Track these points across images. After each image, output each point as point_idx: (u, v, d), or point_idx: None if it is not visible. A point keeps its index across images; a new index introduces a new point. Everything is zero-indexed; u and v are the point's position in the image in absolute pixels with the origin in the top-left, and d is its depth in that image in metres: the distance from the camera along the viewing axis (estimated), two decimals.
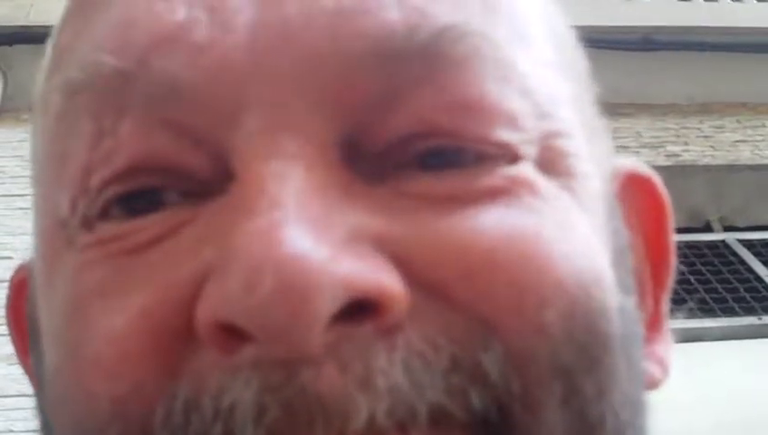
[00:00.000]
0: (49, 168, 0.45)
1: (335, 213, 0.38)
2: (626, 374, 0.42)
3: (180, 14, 0.41)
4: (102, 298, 0.40)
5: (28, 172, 0.52)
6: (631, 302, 0.45)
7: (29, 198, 0.50)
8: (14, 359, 0.54)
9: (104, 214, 0.41)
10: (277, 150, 0.39)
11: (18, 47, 4.25)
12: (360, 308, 0.36)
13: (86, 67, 0.42)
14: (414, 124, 0.40)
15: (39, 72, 0.49)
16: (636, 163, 0.53)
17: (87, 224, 0.42)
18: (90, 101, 0.42)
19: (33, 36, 4.19)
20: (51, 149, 0.45)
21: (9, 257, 3.09)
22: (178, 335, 0.38)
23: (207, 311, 0.37)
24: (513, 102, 0.42)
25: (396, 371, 0.37)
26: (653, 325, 0.51)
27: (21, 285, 0.53)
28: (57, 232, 0.43)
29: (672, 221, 0.53)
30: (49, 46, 0.48)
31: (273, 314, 0.35)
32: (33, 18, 4.32)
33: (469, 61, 0.41)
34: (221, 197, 0.40)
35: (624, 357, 0.42)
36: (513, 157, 0.41)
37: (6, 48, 4.20)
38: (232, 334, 0.36)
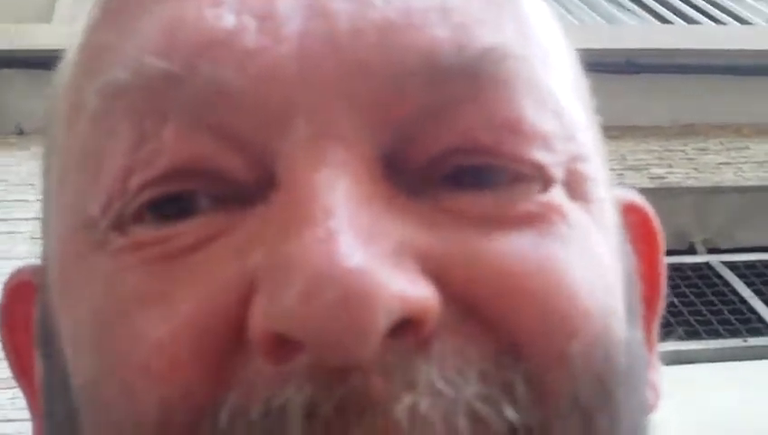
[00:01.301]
0: (79, 169, 0.44)
1: (382, 224, 0.38)
2: (633, 405, 0.43)
3: (229, 20, 0.41)
4: (144, 305, 0.40)
5: (13, 196, 0.52)
6: (638, 327, 0.46)
7: (14, 222, 0.50)
8: (0, 384, 0.54)
9: (138, 218, 0.41)
10: (325, 159, 0.39)
11: (2, 71, 4.24)
12: (400, 322, 0.37)
13: (131, 68, 0.42)
14: (456, 139, 0.41)
15: (62, 74, 0.48)
16: (631, 193, 0.53)
17: (120, 226, 0.41)
18: (133, 102, 0.42)
19: (18, 60, 4.19)
20: (84, 149, 0.44)
21: None
22: (227, 342, 0.38)
23: (263, 320, 0.37)
24: (548, 124, 0.43)
25: (434, 375, 0.37)
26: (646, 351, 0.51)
27: (19, 290, 0.53)
28: (83, 234, 0.43)
29: (663, 250, 0.54)
30: (80, 45, 0.47)
31: (331, 327, 0.36)
32: (19, 42, 4.31)
33: (509, 82, 0.42)
34: (263, 203, 0.40)
35: (631, 388, 0.43)
36: (545, 178, 0.42)
37: None
38: (285, 344, 0.37)
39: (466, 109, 0.41)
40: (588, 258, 0.42)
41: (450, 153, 0.41)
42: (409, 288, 0.37)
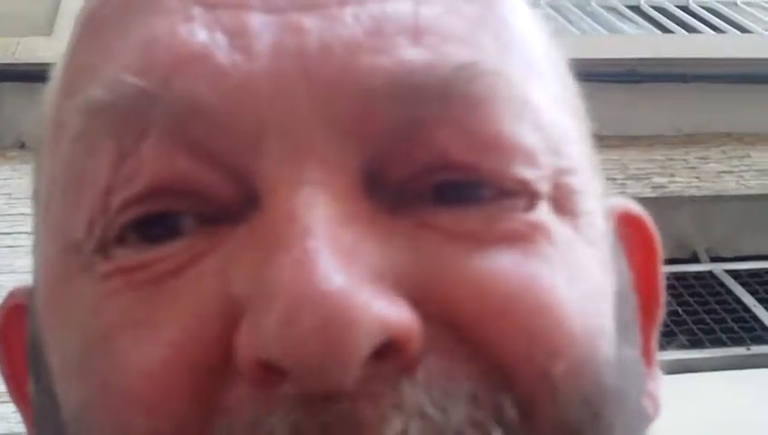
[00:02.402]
0: (63, 189, 0.44)
1: (362, 244, 0.38)
2: (625, 422, 0.42)
3: (201, 36, 0.41)
4: (130, 329, 0.40)
5: (15, 210, 0.52)
6: (632, 344, 0.46)
7: (16, 235, 0.50)
8: (3, 398, 0.54)
9: (121, 239, 0.41)
10: (302, 177, 0.39)
11: (4, 85, 4.25)
12: (384, 346, 0.37)
13: (108, 87, 0.42)
14: (432, 157, 0.41)
15: (47, 95, 0.48)
16: (627, 202, 0.53)
17: (103, 249, 0.41)
18: (111, 120, 0.41)
19: (19, 74, 4.19)
20: (66, 170, 0.44)
21: None
22: (214, 369, 0.38)
23: (247, 348, 0.37)
24: (529, 139, 0.42)
25: (422, 398, 0.37)
26: (644, 361, 0.51)
27: (12, 312, 0.52)
28: (68, 257, 0.43)
29: (661, 259, 0.53)
30: (60, 68, 0.47)
31: (310, 351, 0.35)
32: (20, 56, 4.32)
33: (485, 99, 0.41)
34: (244, 223, 0.39)
35: (623, 406, 0.42)
36: (530, 193, 0.42)
37: None
38: (271, 370, 0.36)
39: (441, 128, 0.41)
40: (573, 278, 0.41)
41: (429, 169, 0.41)
42: (390, 311, 0.37)
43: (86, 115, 0.43)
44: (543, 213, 0.42)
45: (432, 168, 0.41)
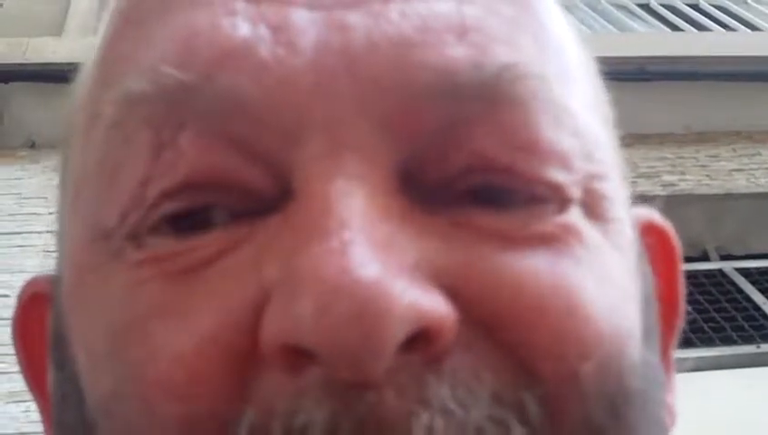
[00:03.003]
0: (96, 178, 0.44)
1: (398, 237, 0.38)
2: (647, 427, 0.43)
3: (244, 30, 0.41)
4: (163, 318, 0.40)
5: (25, 210, 0.52)
6: (655, 350, 0.46)
7: (26, 235, 0.50)
8: (13, 397, 0.54)
9: (153, 229, 0.41)
10: (341, 170, 0.39)
11: (14, 85, 4.25)
12: (414, 336, 0.37)
13: (148, 78, 0.42)
14: (471, 157, 0.41)
15: (79, 85, 0.48)
16: (650, 212, 0.53)
17: (135, 237, 0.41)
18: (150, 112, 0.42)
19: (29, 74, 4.19)
20: (100, 158, 0.44)
21: (6, 296, 3.08)
22: (244, 357, 0.38)
23: (274, 333, 0.37)
24: (565, 143, 0.42)
25: (444, 394, 0.37)
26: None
27: (32, 301, 0.52)
28: (98, 245, 0.43)
29: (682, 272, 0.54)
30: (97, 56, 0.47)
31: (345, 339, 0.35)
32: (30, 56, 4.32)
33: (526, 101, 0.42)
34: (279, 214, 0.40)
35: (646, 410, 0.42)
36: (562, 198, 0.42)
37: (2, 86, 4.20)
38: (299, 355, 0.37)
39: (482, 128, 0.41)
40: (603, 280, 0.42)
41: (466, 172, 0.41)
42: (424, 300, 0.37)
43: (124, 105, 0.43)
44: (575, 216, 0.42)
45: (469, 168, 0.41)
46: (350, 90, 0.40)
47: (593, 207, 0.43)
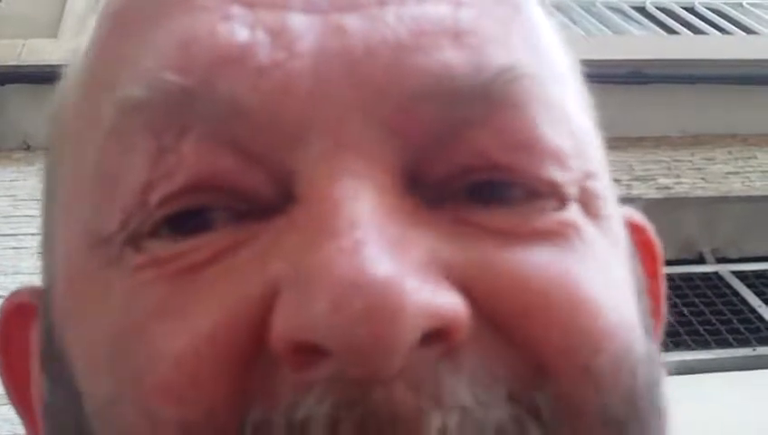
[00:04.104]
0: (93, 184, 0.44)
1: (409, 235, 0.38)
2: (657, 417, 0.43)
3: (242, 35, 0.41)
4: (163, 320, 0.40)
5: (20, 212, 0.51)
6: (652, 341, 0.46)
7: (21, 237, 0.50)
8: (6, 399, 0.54)
9: (153, 232, 0.41)
10: (346, 171, 0.39)
11: (10, 86, 4.25)
12: (429, 332, 0.37)
13: (148, 84, 0.42)
14: (471, 158, 0.41)
15: (68, 90, 0.48)
16: (629, 210, 0.54)
17: (134, 242, 0.41)
18: (151, 117, 0.41)
19: (25, 76, 4.19)
20: (98, 165, 0.44)
21: (0, 296, 3.08)
22: (249, 355, 0.38)
23: (286, 330, 0.37)
24: (562, 142, 0.43)
25: (462, 390, 0.37)
26: None
27: (18, 312, 0.52)
28: (96, 252, 0.43)
29: (663, 267, 0.54)
30: (91, 58, 0.47)
31: (359, 336, 0.35)
32: (26, 58, 4.32)
33: (524, 102, 0.42)
34: (281, 217, 0.40)
35: (654, 401, 0.43)
36: (561, 196, 0.42)
37: None
38: (309, 353, 0.36)
39: (481, 129, 0.41)
40: (604, 274, 0.42)
41: (467, 171, 0.41)
42: (439, 297, 0.37)
43: (123, 111, 0.43)
44: (574, 213, 0.42)
45: (469, 168, 0.41)
46: (350, 93, 0.40)
47: (589, 204, 0.44)
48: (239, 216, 0.41)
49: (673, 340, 3.64)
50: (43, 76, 3.92)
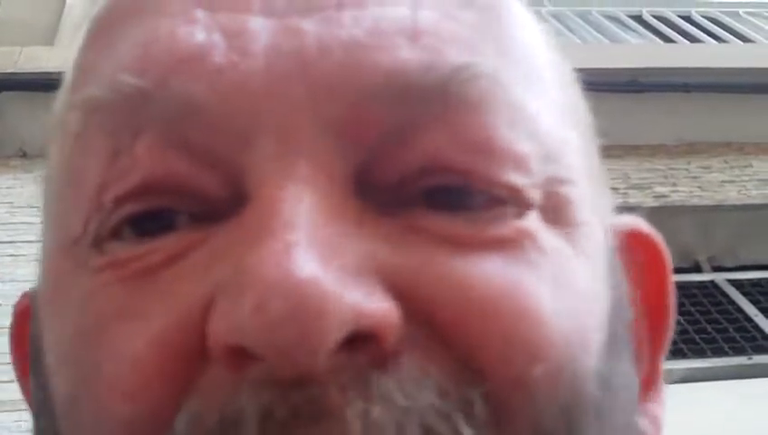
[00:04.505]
0: (63, 187, 0.45)
1: (345, 239, 0.38)
2: None
3: (200, 37, 0.42)
4: (119, 321, 0.40)
5: (17, 219, 0.52)
6: (624, 358, 0.46)
7: (18, 244, 0.50)
8: (5, 407, 0.54)
9: (115, 234, 0.42)
10: (291, 174, 0.39)
11: (6, 94, 4.25)
12: (357, 336, 0.37)
13: (106, 85, 0.43)
14: (425, 160, 0.41)
15: (57, 100, 0.49)
16: (636, 220, 0.53)
17: (98, 243, 0.42)
18: (107, 118, 0.42)
19: (22, 83, 4.19)
20: (67, 167, 0.45)
21: None
22: (192, 355, 0.39)
23: (218, 333, 0.38)
24: (523, 145, 0.42)
25: (391, 388, 0.37)
26: (648, 384, 0.51)
27: (24, 312, 0.53)
28: (66, 253, 0.43)
29: (672, 281, 0.53)
30: (70, 67, 0.48)
31: (282, 335, 0.36)
32: (22, 65, 4.32)
33: (480, 102, 0.42)
34: (234, 218, 0.40)
35: (606, 420, 0.42)
36: (521, 201, 0.42)
37: None
38: (243, 354, 0.37)
39: (435, 129, 0.41)
40: (558, 285, 0.41)
41: (421, 174, 0.41)
42: (366, 301, 0.37)
43: (83, 113, 0.44)
44: (533, 221, 0.42)
45: (423, 171, 0.41)
46: (302, 93, 0.41)
47: (555, 211, 0.43)
48: (197, 217, 0.41)
49: (669, 348, 3.63)
50: (40, 83, 3.93)
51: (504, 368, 0.39)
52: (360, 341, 0.37)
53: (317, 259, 0.37)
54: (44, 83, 3.95)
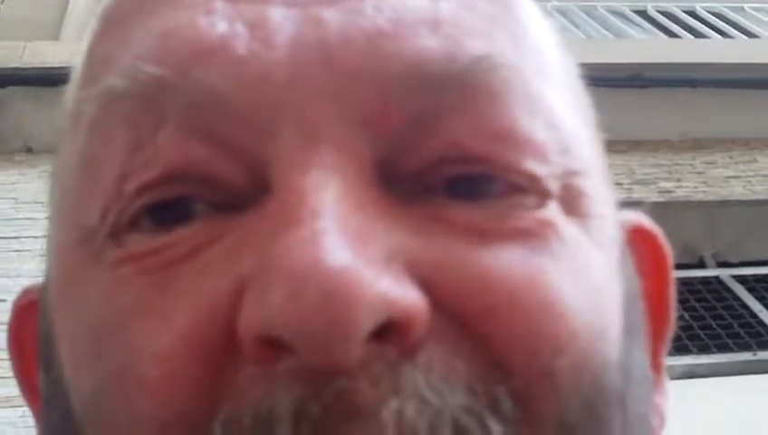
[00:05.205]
0: (78, 178, 0.44)
1: (373, 228, 0.38)
2: (629, 427, 0.42)
3: (221, 27, 0.42)
4: (142, 316, 0.40)
5: (22, 214, 0.52)
6: (640, 349, 0.46)
7: (24, 240, 0.50)
8: (10, 402, 0.54)
9: (134, 224, 0.41)
10: (316, 162, 0.39)
11: (11, 89, 4.25)
12: (386, 326, 0.37)
13: (126, 75, 0.42)
14: (447, 148, 0.41)
15: (68, 91, 0.49)
16: (638, 216, 0.53)
17: (116, 235, 0.42)
18: (128, 108, 0.42)
19: (26, 78, 4.20)
20: (82, 157, 0.44)
21: (4, 300, 3.09)
22: (222, 351, 0.38)
23: (249, 325, 0.37)
24: (541, 135, 0.42)
25: (420, 383, 0.37)
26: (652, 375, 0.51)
27: (27, 309, 0.53)
28: (81, 246, 0.43)
29: (673, 275, 0.53)
30: (81, 59, 0.48)
31: (314, 325, 0.35)
32: (27, 60, 4.33)
33: (501, 92, 0.42)
34: (256, 208, 0.40)
35: (627, 410, 0.42)
36: (541, 191, 0.42)
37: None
38: (274, 345, 0.36)
39: (457, 118, 0.41)
40: (579, 276, 0.41)
41: (442, 162, 0.41)
42: (395, 290, 0.37)
43: (102, 103, 0.43)
44: (553, 211, 0.42)
45: (445, 159, 0.41)
46: (325, 83, 0.41)
47: (572, 202, 0.43)
48: (218, 206, 0.41)
49: (674, 344, 3.63)
50: (45, 78, 3.94)
51: (529, 362, 0.39)
52: (388, 332, 0.37)
53: (347, 247, 0.37)
54: (49, 78, 3.95)
